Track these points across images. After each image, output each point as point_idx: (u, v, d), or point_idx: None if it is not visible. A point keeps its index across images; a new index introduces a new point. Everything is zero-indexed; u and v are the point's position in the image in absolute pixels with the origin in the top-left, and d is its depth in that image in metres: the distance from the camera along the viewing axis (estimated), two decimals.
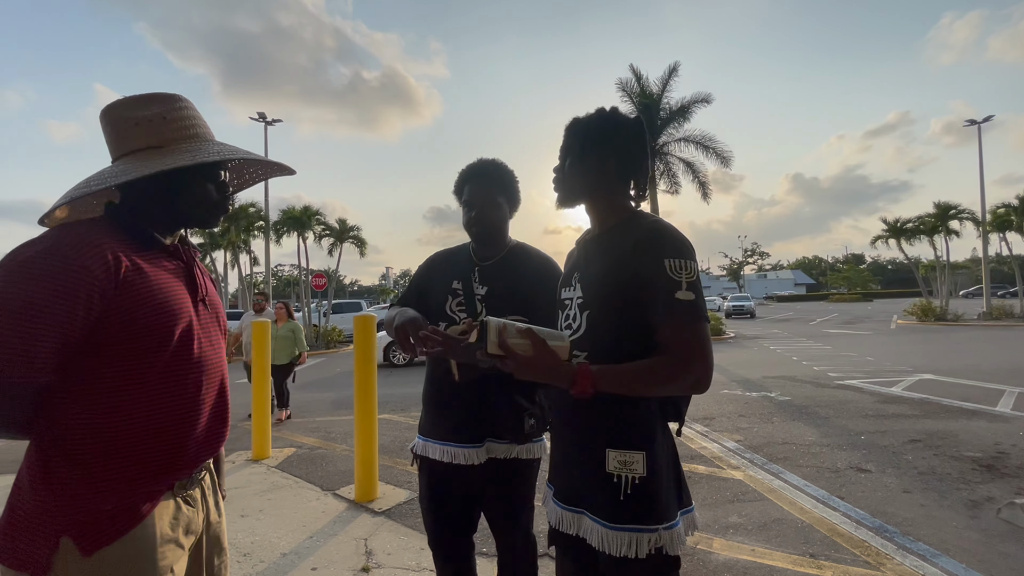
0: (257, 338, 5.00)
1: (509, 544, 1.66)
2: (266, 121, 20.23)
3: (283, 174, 1.17)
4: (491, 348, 1.05)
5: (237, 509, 3.42)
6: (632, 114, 1.26)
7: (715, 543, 2.85)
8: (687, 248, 1.10)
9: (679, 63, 17.08)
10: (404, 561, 2.68)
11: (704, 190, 17.51)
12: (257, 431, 4.74)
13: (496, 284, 1.63)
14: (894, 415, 5.73)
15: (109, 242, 0.88)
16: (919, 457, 4.25)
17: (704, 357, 1.04)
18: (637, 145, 1.22)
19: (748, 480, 3.84)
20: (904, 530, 2.96)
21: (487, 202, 1.63)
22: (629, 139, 1.21)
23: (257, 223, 19.45)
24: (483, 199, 1.63)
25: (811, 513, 3.22)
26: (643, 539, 1.06)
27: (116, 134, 0.98)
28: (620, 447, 1.10)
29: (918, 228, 22.99)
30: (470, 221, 1.65)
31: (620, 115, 1.23)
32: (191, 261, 1.04)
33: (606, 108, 1.24)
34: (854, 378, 8.25)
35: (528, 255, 1.69)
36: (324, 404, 7.62)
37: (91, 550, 0.85)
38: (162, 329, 0.91)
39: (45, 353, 0.81)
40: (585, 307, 1.18)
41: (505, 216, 1.67)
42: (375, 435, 3.66)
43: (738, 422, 5.65)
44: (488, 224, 1.64)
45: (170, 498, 0.96)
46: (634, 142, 1.22)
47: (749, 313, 30.48)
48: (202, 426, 0.99)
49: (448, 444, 1.60)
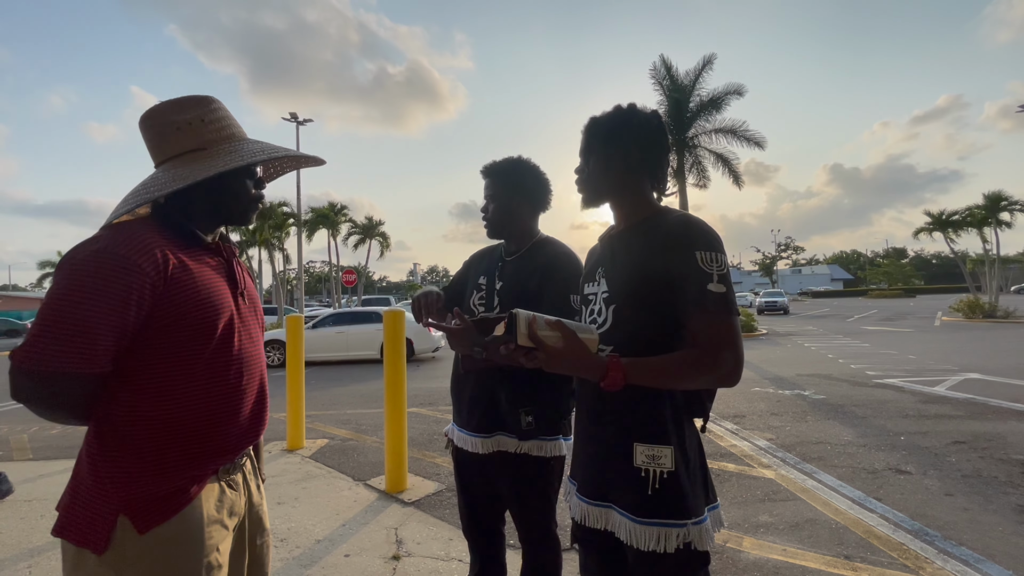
0: (292, 333, 5.15)
1: (528, 539, 1.68)
2: (298, 121, 20.73)
3: (314, 164, 1.21)
4: (521, 340, 1.05)
5: (274, 497, 3.55)
6: (652, 108, 1.25)
7: (745, 542, 2.81)
8: (717, 241, 1.09)
9: (714, 55, 16.62)
10: (433, 551, 2.74)
11: (736, 180, 17.08)
12: (292, 422, 4.90)
13: (511, 279, 1.66)
14: (937, 416, 5.51)
15: (158, 241, 0.94)
16: (963, 459, 4.08)
17: (735, 349, 1.03)
18: (657, 139, 1.22)
19: (780, 479, 3.76)
20: (946, 534, 2.85)
21: (491, 197, 1.68)
22: (650, 134, 1.21)
23: (289, 221, 19.98)
24: (491, 194, 1.68)
25: (846, 514, 3.13)
26: (671, 534, 1.06)
27: (160, 139, 1.03)
28: (648, 441, 1.10)
29: (965, 220, 21.90)
30: (482, 216, 1.71)
31: (637, 110, 1.23)
32: (231, 257, 1.09)
33: (623, 104, 1.24)
34: (894, 377, 7.94)
35: (547, 250, 1.68)
36: (355, 397, 7.79)
37: (146, 528, 0.91)
38: (207, 323, 0.97)
39: (103, 346, 0.87)
40: (611, 301, 1.19)
41: (515, 211, 1.67)
42: (404, 428, 3.73)
43: (770, 420, 5.52)
44: (491, 220, 1.69)
45: (215, 482, 1.01)
46: (654, 136, 1.21)
47: (782, 309, 29.65)
48: (244, 414, 1.04)
49: (463, 431, 1.68)
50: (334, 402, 7.34)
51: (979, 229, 21.69)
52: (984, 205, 21.24)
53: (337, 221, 19.57)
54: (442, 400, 7.07)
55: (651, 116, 1.23)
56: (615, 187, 1.23)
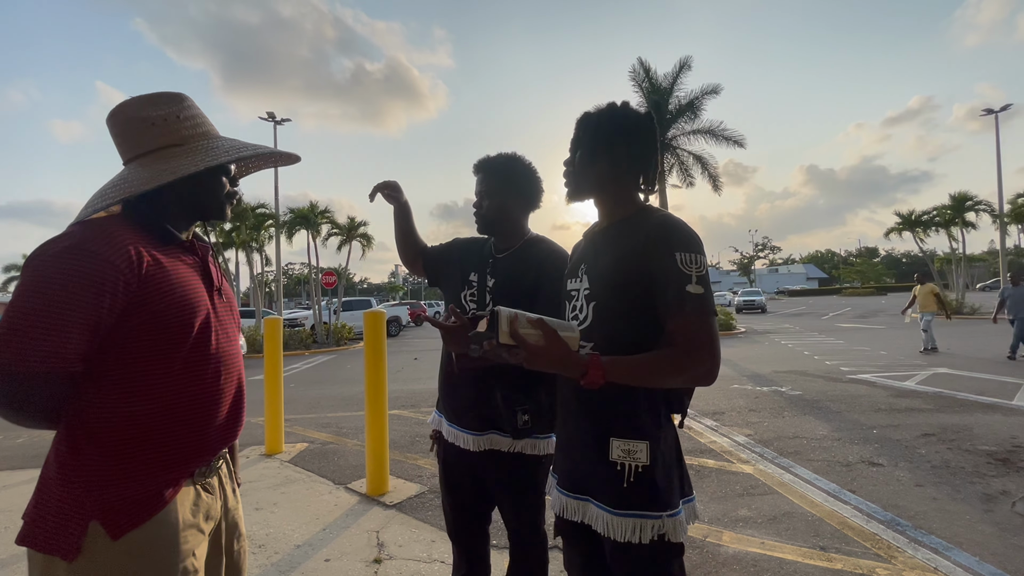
0: (269, 335, 5.06)
1: (517, 537, 1.68)
2: (275, 121, 20.39)
3: (290, 162, 1.20)
4: (502, 337, 1.05)
5: (252, 502, 3.48)
6: (642, 108, 1.27)
7: (724, 536, 2.86)
8: (697, 243, 1.11)
9: (690, 58, 16.87)
10: (415, 553, 2.72)
11: (715, 182, 17.35)
12: (270, 426, 4.81)
13: (503, 277, 1.65)
14: (907, 409, 5.68)
15: (131, 238, 0.92)
16: (932, 451, 4.21)
17: (712, 350, 1.05)
18: (647, 139, 1.23)
19: (758, 474, 3.83)
20: (916, 523, 2.94)
21: (485, 192, 1.67)
22: (640, 133, 1.22)
23: (267, 223, 19.63)
24: (482, 190, 1.68)
25: (821, 507, 3.21)
26: (646, 525, 1.09)
27: (131, 135, 1.00)
28: (624, 436, 1.12)
29: (933, 220, 22.62)
30: (474, 211, 1.70)
31: (631, 109, 1.24)
32: (205, 255, 1.07)
33: (617, 102, 1.25)
34: (867, 372, 8.17)
35: (540, 248, 1.68)
36: (336, 400, 7.70)
37: (119, 533, 0.88)
38: (182, 322, 0.94)
39: (74, 344, 0.85)
40: (592, 298, 1.20)
41: (507, 208, 1.67)
42: (386, 430, 3.70)
43: (748, 416, 5.63)
44: (484, 215, 1.68)
45: (190, 485, 0.99)
46: (645, 136, 1.23)
47: (760, 308, 30.22)
48: (221, 415, 1.02)
49: (454, 427, 1.66)
50: (314, 406, 7.23)
51: (947, 229, 22.42)
52: (951, 205, 21.97)
53: (318, 222, 19.29)
54: (424, 402, 7.02)
55: (644, 117, 1.24)
56: (600, 183, 1.24)
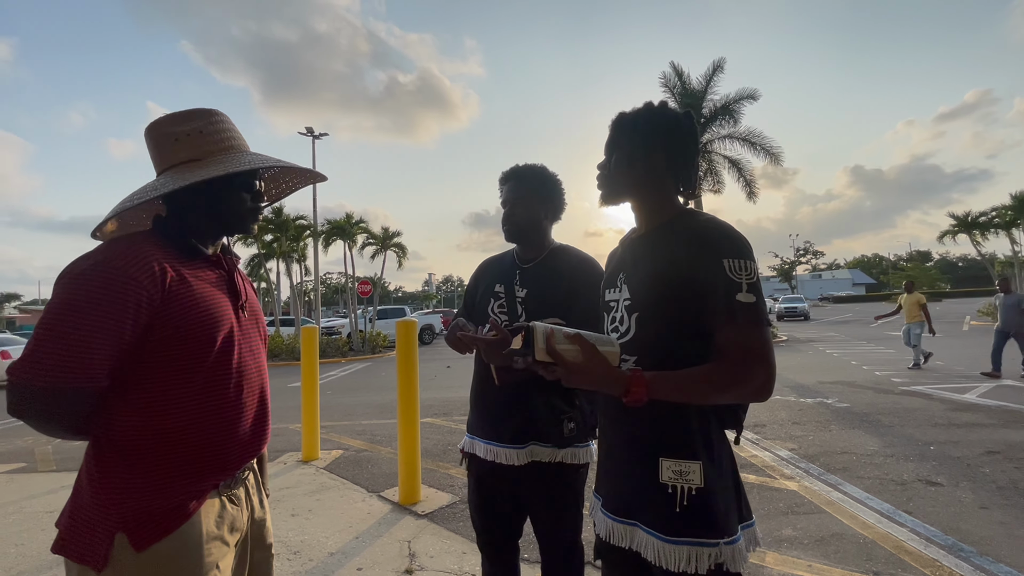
0: (306, 343, 5.18)
1: (555, 550, 1.63)
2: (314, 136, 21.09)
3: (316, 181, 1.21)
4: (539, 355, 1.00)
5: (288, 508, 3.55)
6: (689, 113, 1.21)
7: (768, 557, 2.72)
8: (746, 247, 1.04)
9: (724, 59, 16.49)
10: (446, 565, 2.70)
11: (750, 189, 16.85)
12: (307, 433, 4.91)
13: (535, 286, 1.64)
14: (968, 424, 5.30)
15: (156, 254, 0.93)
16: (998, 470, 3.91)
17: (767, 363, 0.98)
18: (688, 140, 1.18)
19: (803, 491, 3.64)
20: (982, 550, 2.72)
21: (518, 200, 1.67)
22: (680, 134, 1.17)
23: (305, 233, 20.28)
24: (515, 198, 1.68)
25: (874, 528, 3.01)
26: (703, 554, 1.00)
27: (158, 150, 1.04)
28: (674, 456, 1.05)
29: (992, 221, 21.28)
30: (502, 219, 1.70)
31: (669, 109, 1.19)
32: (232, 269, 1.09)
33: (654, 102, 1.19)
34: (921, 384, 7.70)
35: (568, 256, 1.69)
36: (370, 407, 7.81)
37: (143, 545, 0.89)
38: (205, 337, 0.95)
39: (98, 360, 0.87)
40: (633, 309, 1.13)
41: (537, 216, 1.67)
42: (418, 439, 3.71)
43: (791, 430, 5.38)
44: (516, 222, 1.67)
45: (215, 497, 1.00)
46: (685, 137, 1.17)
47: (803, 315, 29.07)
48: (244, 428, 1.03)
49: (492, 443, 1.63)
50: (349, 413, 7.36)
51: (1007, 230, 21.03)
52: (1012, 205, 20.60)
53: (353, 232, 19.82)
54: (456, 410, 7.03)
55: (683, 116, 1.19)
56: (636, 185, 1.18)
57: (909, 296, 9.94)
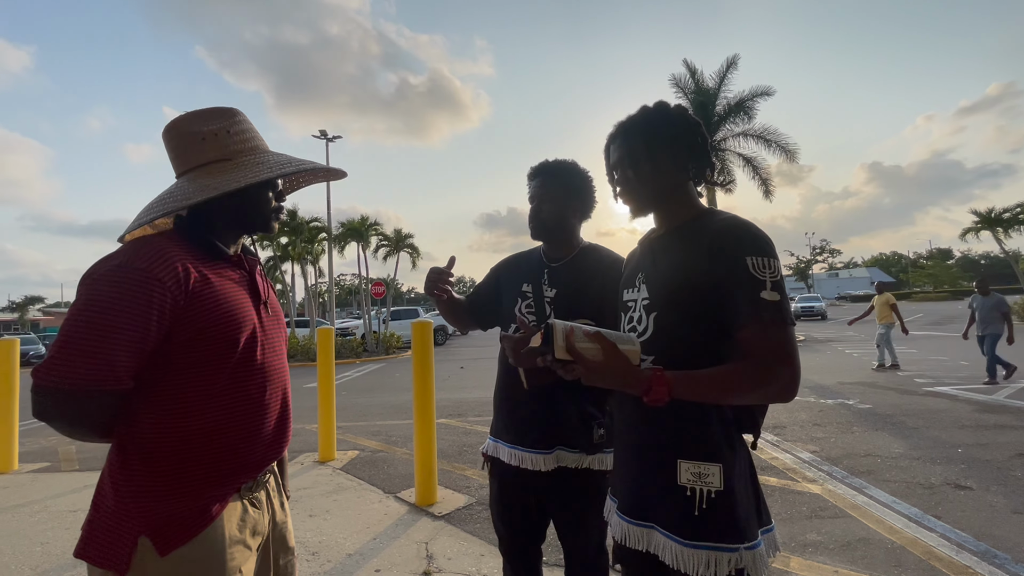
0: (322, 344, 5.21)
1: (581, 556, 1.60)
2: (327, 138, 21.29)
3: (337, 177, 1.20)
4: (558, 353, 0.99)
5: (306, 509, 3.56)
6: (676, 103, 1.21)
7: (792, 562, 2.65)
8: (769, 245, 1.02)
9: (738, 56, 16.34)
10: (464, 567, 2.68)
11: (766, 187, 16.62)
12: (323, 434, 4.93)
13: (564, 286, 1.59)
14: (997, 426, 5.15)
15: (179, 254, 0.93)
16: None
17: (792, 362, 0.96)
18: (700, 136, 1.17)
19: (827, 495, 3.56)
20: (1016, 556, 2.63)
21: (545, 196, 1.62)
22: (692, 132, 1.16)
23: (320, 235, 20.49)
24: (542, 194, 1.62)
25: (902, 533, 2.93)
26: (723, 559, 0.98)
27: (183, 149, 1.02)
28: (693, 458, 1.03)
29: (1017, 217, 20.74)
30: (529, 216, 1.65)
31: (672, 108, 1.18)
32: (253, 269, 1.08)
33: (649, 105, 1.19)
34: (946, 384, 7.52)
35: (599, 255, 1.63)
36: (385, 408, 7.83)
37: (167, 550, 0.88)
38: (228, 337, 0.94)
39: (122, 361, 0.86)
40: (652, 308, 1.12)
41: (564, 213, 1.62)
42: (434, 440, 3.70)
43: (812, 431, 5.27)
44: (543, 220, 1.62)
45: (237, 500, 0.99)
46: (696, 133, 1.17)
47: (820, 314, 28.66)
48: (266, 430, 1.01)
49: (517, 448, 1.59)
50: (364, 413, 7.38)
51: None
52: None
53: (367, 234, 19.99)
54: (470, 411, 7.02)
55: (689, 113, 1.19)
56: (668, 190, 1.17)
57: (879, 296, 9.87)
